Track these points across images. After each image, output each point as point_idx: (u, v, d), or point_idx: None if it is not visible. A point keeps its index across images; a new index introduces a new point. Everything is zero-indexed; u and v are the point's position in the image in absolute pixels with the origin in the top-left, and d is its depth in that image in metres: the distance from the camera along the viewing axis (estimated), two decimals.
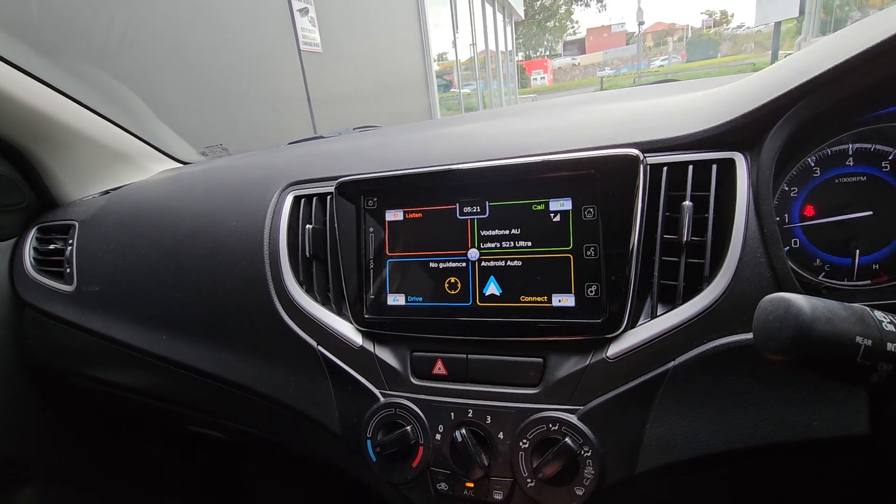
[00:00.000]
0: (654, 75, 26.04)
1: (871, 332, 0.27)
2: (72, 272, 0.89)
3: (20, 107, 0.91)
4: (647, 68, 31.76)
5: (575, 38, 61.84)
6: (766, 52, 24.11)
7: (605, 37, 60.92)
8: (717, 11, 62.50)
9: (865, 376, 0.27)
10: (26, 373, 0.97)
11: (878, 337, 0.27)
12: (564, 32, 58.35)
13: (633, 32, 53.25)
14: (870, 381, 0.27)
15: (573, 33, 61.07)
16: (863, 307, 0.29)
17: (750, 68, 15.61)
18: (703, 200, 0.52)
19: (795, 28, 17.71)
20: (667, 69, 27.25)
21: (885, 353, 0.27)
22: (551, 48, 57.14)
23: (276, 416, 0.70)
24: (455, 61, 10.33)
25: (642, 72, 27.33)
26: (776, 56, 18.02)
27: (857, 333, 0.27)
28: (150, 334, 0.78)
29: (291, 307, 0.66)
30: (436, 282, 0.60)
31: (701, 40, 43.12)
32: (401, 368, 0.61)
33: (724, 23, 59.91)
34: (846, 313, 0.27)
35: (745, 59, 24.95)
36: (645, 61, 33.07)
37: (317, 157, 0.79)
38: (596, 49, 57.06)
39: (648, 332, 0.51)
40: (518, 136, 0.65)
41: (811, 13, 11.45)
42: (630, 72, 31.62)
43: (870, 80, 0.45)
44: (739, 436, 0.47)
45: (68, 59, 1.56)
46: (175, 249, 0.76)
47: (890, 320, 0.28)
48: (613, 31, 62.04)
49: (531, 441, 0.53)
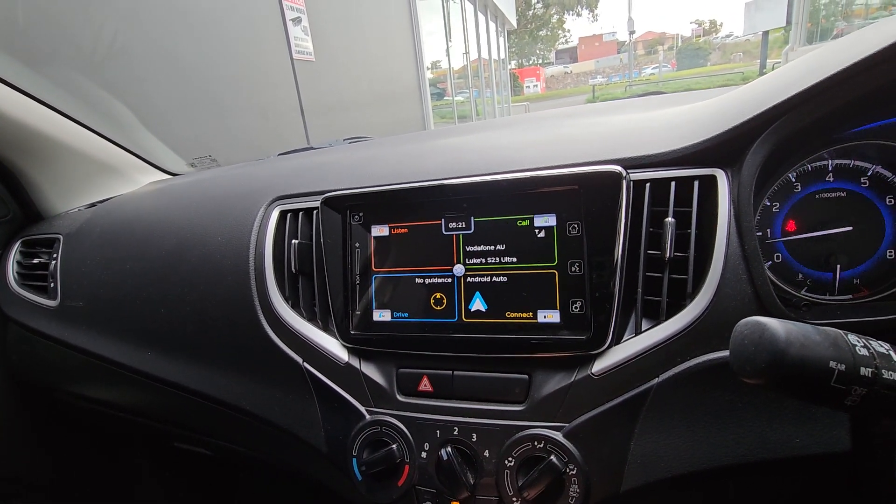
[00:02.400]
0: (644, 84, 26.35)
1: (844, 357, 0.27)
2: (56, 287, 0.88)
3: (3, 119, 0.90)
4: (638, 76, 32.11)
5: (567, 47, 62.49)
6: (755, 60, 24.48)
7: (597, 46, 61.60)
8: (706, 21, 63.48)
9: (840, 400, 0.27)
10: (11, 389, 0.95)
11: (852, 361, 0.27)
12: (556, 41, 58.96)
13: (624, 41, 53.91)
14: (844, 404, 0.27)
15: (565, 42, 61.73)
16: (837, 331, 0.29)
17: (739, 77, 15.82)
18: (685, 216, 0.52)
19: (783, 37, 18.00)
20: (657, 77, 27.58)
21: (858, 378, 0.27)
22: (544, 56, 57.70)
23: (262, 434, 0.69)
24: (448, 69, 10.40)
25: (633, 80, 27.64)
26: (765, 65, 18.31)
27: (830, 358, 0.27)
28: (135, 351, 0.77)
29: (277, 323, 0.65)
30: (422, 297, 0.60)
31: (691, 49, 43.73)
32: (387, 385, 0.60)
33: (714, 32, 60.82)
34: (820, 338, 0.28)
35: (734, 69, 25.33)
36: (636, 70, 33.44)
37: (304, 171, 0.79)
38: (588, 57, 57.68)
39: (632, 349, 0.51)
40: (504, 151, 0.65)
41: (798, 23, 11.67)
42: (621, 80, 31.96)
43: (846, 98, 0.46)
44: (722, 453, 0.47)
45: (53, 69, 1.55)
46: (161, 264, 0.76)
47: (864, 344, 0.28)
48: (605, 39, 62.76)
49: (517, 459, 0.53)
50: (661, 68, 32.38)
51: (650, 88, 22.38)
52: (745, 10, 16.45)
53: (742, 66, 26.46)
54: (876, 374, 0.27)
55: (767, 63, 18.71)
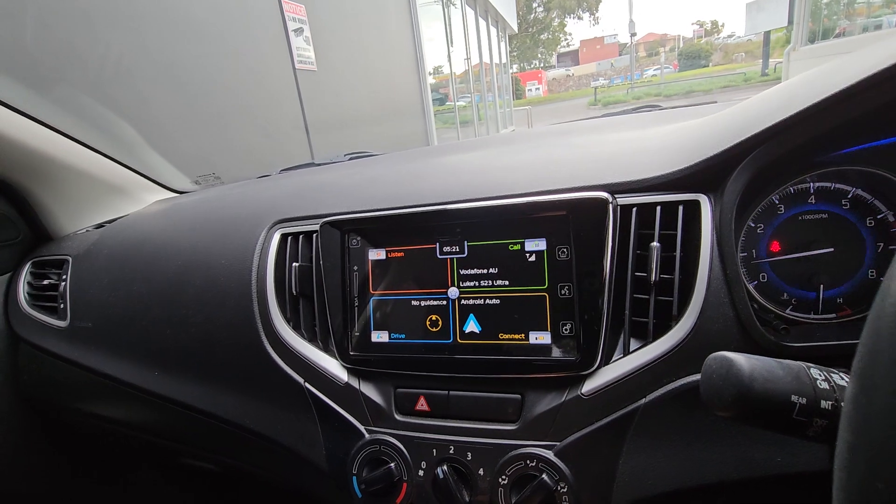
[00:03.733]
0: (646, 85, 26.31)
1: (805, 391, 0.29)
2: (65, 307, 0.90)
3: (12, 144, 0.93)
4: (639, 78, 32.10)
5: (568, 50, 62.60)
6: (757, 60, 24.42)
7: (599, 48, 61.67)
8: (707, 21, 63.41)
9: (802, 431, 0.29)
10: (21, 407, 0.97)
11: (813, 395, 0.29)
12: (558, 44, 59.06)
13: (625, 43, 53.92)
14: (807, 434, 0.29)
15: (567, 45, 61.83)
16: (800, 365, 0.31)
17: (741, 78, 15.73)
18: (671, 239, 0.54)
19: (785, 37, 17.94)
20: (659, 79, 27.56)
21: (818, 410, 0.28)
22: (545, 60, 57.80)
23: (265, 452, 0.71)
24: (450, 75, 10.45)
25: (635, 82, 27.63)
26: (767, 65, 18.24)
27: (792, 392, 0.28)
28: (142, 370, 0.79)
29: (279, 344, 0.67)
30: (418, 319, 0.62)
31: (692, 50, 43.70)
32: (385, 405, 0.62)
33: (715, 32, 60.74)
34: (783, 372, 0.29)
35: (736, 69, 25.25)
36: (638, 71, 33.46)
37: (305, 192, 0.81)
38: (589, 60, 57.76)
39: (620, 370, 0.52)
40: (498, 174, 0.67)
41: (799, 23, 11.62)
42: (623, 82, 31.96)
43: (824, 127, 0.47)
44: (707, 471, 0.48)
45: (58, 91, 1.58)
46: (166, 286, 0.78)
47: (825, 377, 0.30)
48: (606, 42, 62.83)
49: (510, 477, 0.54)
50: (663, 70, 32.38)
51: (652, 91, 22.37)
52: (747, 11, 16.42)
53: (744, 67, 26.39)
54: (836, 406, 0.28)
55: (770, 63, 18.67)
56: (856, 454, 0.21)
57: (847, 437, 0.22)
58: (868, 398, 0.20)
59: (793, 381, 0.29)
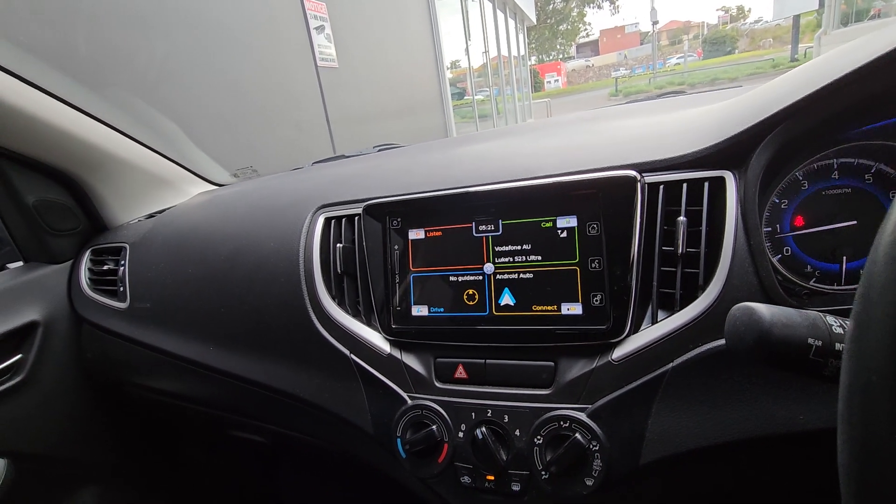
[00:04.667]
0: (669, 74, 25.68)
1: (821, 335, 0.32)
2: (125, 291, 0.98)
3: (74, 140, 1.01)
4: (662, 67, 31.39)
5: (588, 40, 61.58)
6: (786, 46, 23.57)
7: (619, 38, 60.49)
8: (733, 7, 61.40)
9: (818, 371, 0.32)
10: (85, 382, 1.06)
11: (828, 338, 0.32)
12: (577, 35, 58.14)
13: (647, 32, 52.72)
14: (823, 374, 0.32)
15: (586, 35, 60.82)
16: (817, 313, 0.34)
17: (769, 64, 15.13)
18: (697, 215, 0.57)
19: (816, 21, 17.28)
20: (682, 67, 26.87)
21: (833, 352, 0.32)
22: (564, 51, 56.97)
23: (314, 419, 0.77)
24: (468, 69, 10.43)
25: (657, 71, 27.03)
26: (796, 50, 17.57)
27: (809, 335, 0.32)
28: (198, 346, 0.86)
29: (326, 319, 0.73)
30: (455, 294, 0.66)
31: (717, 37, 42.48)
32: (425, 373, 0.67)
33: (742, 18, 58.84)
34: (801, 319, 0.32)
35: (764, 55, 24.44)
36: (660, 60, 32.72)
37: (343, 180, 0.86)
38: (610, 50, 56.71)
39: (649, 337, 0.56)
40: (528, 158, 0.71)
41: (831, 5, 11.17)
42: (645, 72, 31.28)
43: (844, 104, 0.50)
44: (731, 429, 0.52)
45: (112, 92, 1.70)
46: (219, 268, 0.84)
47: (840, 324, 0.33)
48: (627, 31, 61.56)
49: (545, 437, 0.59)
50: (687, 58, 31.55)
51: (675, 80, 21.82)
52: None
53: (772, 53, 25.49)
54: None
55: (799, 48, 18.00)
56: (854, 374, 0.25)
57: (848, 365, 0.25)
58: (864, 333, 0.24)
59: (810, 326, 0.32)
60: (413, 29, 6.79)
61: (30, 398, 0.97)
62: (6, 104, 0.87)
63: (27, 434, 0.98)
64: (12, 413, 0.95)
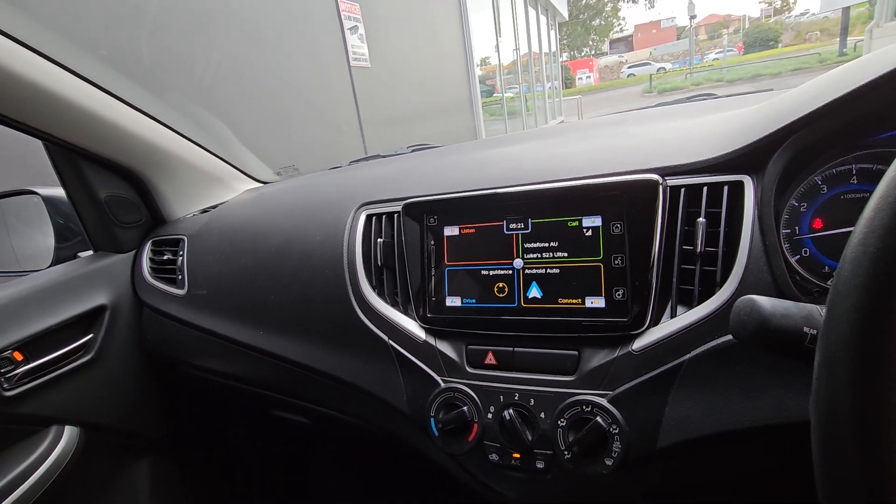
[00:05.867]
0: (707, 70, 24.83)
1: (815, 324, 0.36)
2: (183, 278, 1.07)
3: (140, 141, 1.11)
4: (699, 63, 30.42)
5: (622, 36, 60.25)
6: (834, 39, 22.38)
7: (654, 33, 58.91)
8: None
9: (813, 357, 0.36)
10: (145, 362, 1.17)
11: (821, 328, 0.36)
12: (611, 30, 56.93)
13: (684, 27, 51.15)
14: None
15: (620, 31, 59.51)
16: (814, 306, 0.38)
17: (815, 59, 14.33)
18: (716, 216, 0.61)
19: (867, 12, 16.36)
20: (721, 63, 25.94)
21: None
22: (597, 47, 55.91)
23: (354, 399, 0.84)
24: (498, 66, 10.41)
25: (695, 67, 26.21)
26: (845, 44, 16.63)
27: (804, 325, 0.36)
28: (249, 330, 0.94)
29: (366, 308, 0.79)
30: (486, 286, 0.72)
31: (759, 31, 40.81)
32: (458, 359, 0.73)
33: (786, 11, 56.29)
34: (797, 310, 0.36)
35: (811, 49, 23.31)
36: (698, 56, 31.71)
37: (383, 180, 0.93)
38: (644, 45, 55.32)
39: (668, 330, 0.60)
40: (556, 160, 0.76)
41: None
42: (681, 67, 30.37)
43: (859, 114, 0.52)
44: (745, 417, 0.55)
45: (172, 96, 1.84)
46: (269, 259, 0.92)
47: None
48: (663, 26, 59.88)
49: (568, 420, 0.63)
50: (727, 53, 30.43)
51: (713, 76, 21.07)
52: None
53: (819, 46, 24.25)
54: None
55: (848, 42, 17.07)
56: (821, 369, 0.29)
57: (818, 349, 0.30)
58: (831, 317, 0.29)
59: (806, 317, 0.36)
60: (443, 28, 6.84)
61: (98, 375, 1.08)
62: (85, 109, 0.98)
63: (96, 407, 1.09)
64: (83, 387, 1.06)
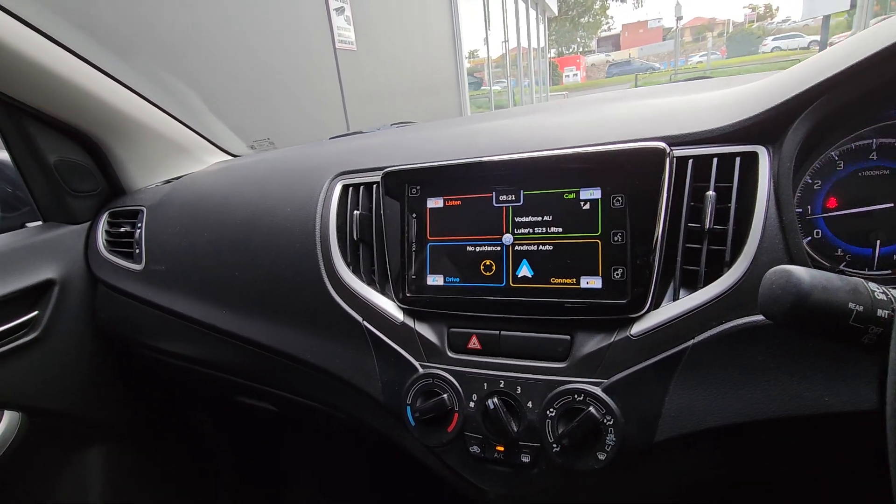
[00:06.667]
0: (691, 72, 25.19)
1: (863, 300, 0.31)
2: (141, 252, 0.98)
3: (97, 102, 1.01)
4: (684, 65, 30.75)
5: (610, 35, 60.59)
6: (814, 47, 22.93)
7: (641, 33, 59.43)
8: (760, 5, 59.82)
9: (857, 338, 0.31)
10: (98, 342, 1.07)
11: (870, 304, 0.31)
12: (599, 28, 57.15)
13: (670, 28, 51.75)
14: (861, 342, 0.31)
15: (608, 29, 59.80)
16: (859, 279, 0.32)
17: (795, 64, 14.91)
18: (725, 191, 0.56)
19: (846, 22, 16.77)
20: (705, 65, 26.33)
21: (875, 318, 0.30)
22: (585, 45, 56.09)
23: (324, 385, 0.77)
24: (487, 58, 10.33)
25: (679, 68, 26.52)
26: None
27: (850, 300, 0.30)
28: (212, 309, 0.86)
29: (340, 286, 0.72)
30: (472, 264, 0.65)
31: (743, 35, 41.52)
32: (438, 343, 0.66)
33: (769, 16, 57.34)
34: (841, 283, 0.31)
35: (791, 56, 23.87)
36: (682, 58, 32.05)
37: (362, 150, 0.85)
38: (631, 45, 55.77)
39: (670, 313, 0.55)
40: (551, 130, 0.70)
41: (863, 6, 10.80)
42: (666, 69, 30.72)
43: (885, 77, 0.47)
44: (753, 409, 0.50)
45: (136, 58, 1.71)
46: (235, 233, 0.84)
47: (883, 290, 0.32)
48: (650, 26, 60.42)
49: (557, 410, 0.58)
50: (710, 56, 30.87)
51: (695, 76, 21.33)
52: None
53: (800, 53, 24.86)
54: (892, 315, 0.30)
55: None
56: None
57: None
58: None
59: (851, 290, 0.31)
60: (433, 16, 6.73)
61: (44, 355, 0.99)
62: (31, 61, 0.87)
63: (40, 389, 0.99)
64: (27, 368, 0.96)
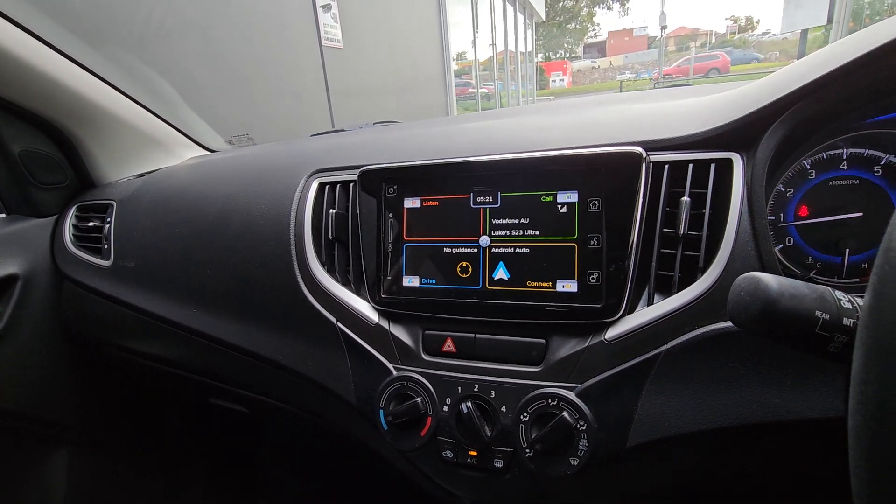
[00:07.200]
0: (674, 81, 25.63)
1: (829, 308, 0.31)
2: (109, 248, 0.95)
3: (65, 90, 0.97)
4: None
5: (596, 41, 61.36)
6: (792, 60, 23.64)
7: (627, 40, 60.33)
8: (742, 17, 61.36)
9: (824, 346, 0.31)
10: (64, 341, 1.03)
11: (836, 312, 0.31)
12: (585, 35, 57.87)
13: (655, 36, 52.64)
14: (827, 350, 0.31)
15: (594, 36, 60.58)
16: (825, 287, 0.32)
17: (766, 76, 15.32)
18: (701, 197, 0.56)
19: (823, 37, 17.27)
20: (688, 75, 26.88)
21: (840, 327, 0.30)
22: (571, 50, 56.72)
23: (297, 388, 0.75)
24: (474, 61, 10.36)
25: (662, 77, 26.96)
26: None
27: (816, 308, 0.30)
28: (182, 308, 0.84)
29: (314, 286, 0.71)
30: (448, 266, 0.64)
31: (724, 46, 42.49)
32: (413, 345, 0.65)
33: (750, 29, 58.79)
34: (809, 291, 0.31)
35: (770, 67, 24.53)
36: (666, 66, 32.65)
37: (341, 148, 0.84)
38: (617, 52, 56.56)
39: (644, 318, 0.54)
40: (531, 132, 0.69)
41: (839, 22, 11.15)
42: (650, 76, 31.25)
43: (858, 87, 0.48)
44: (724, 415, 0.51)
45: (108, 47, 1.65)
46: (207, 229, 0.82)
47: (849, 299, 0.32)
48: (635, 34, 61.37)
49: (531, 415, 0.57)
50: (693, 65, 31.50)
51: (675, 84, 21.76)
52: (784, 7, 15.81)
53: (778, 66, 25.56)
54: (857, 324, 0.30)
55: None
56: (870, 358, 0.23)
57: (864, 339, 0.24)
58: (881, 307, 0.22)
59: (818, 298, 0.31)
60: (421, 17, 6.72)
61: (5, 353, 0.95)
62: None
63: (0, 389, 0.95)
64: None
